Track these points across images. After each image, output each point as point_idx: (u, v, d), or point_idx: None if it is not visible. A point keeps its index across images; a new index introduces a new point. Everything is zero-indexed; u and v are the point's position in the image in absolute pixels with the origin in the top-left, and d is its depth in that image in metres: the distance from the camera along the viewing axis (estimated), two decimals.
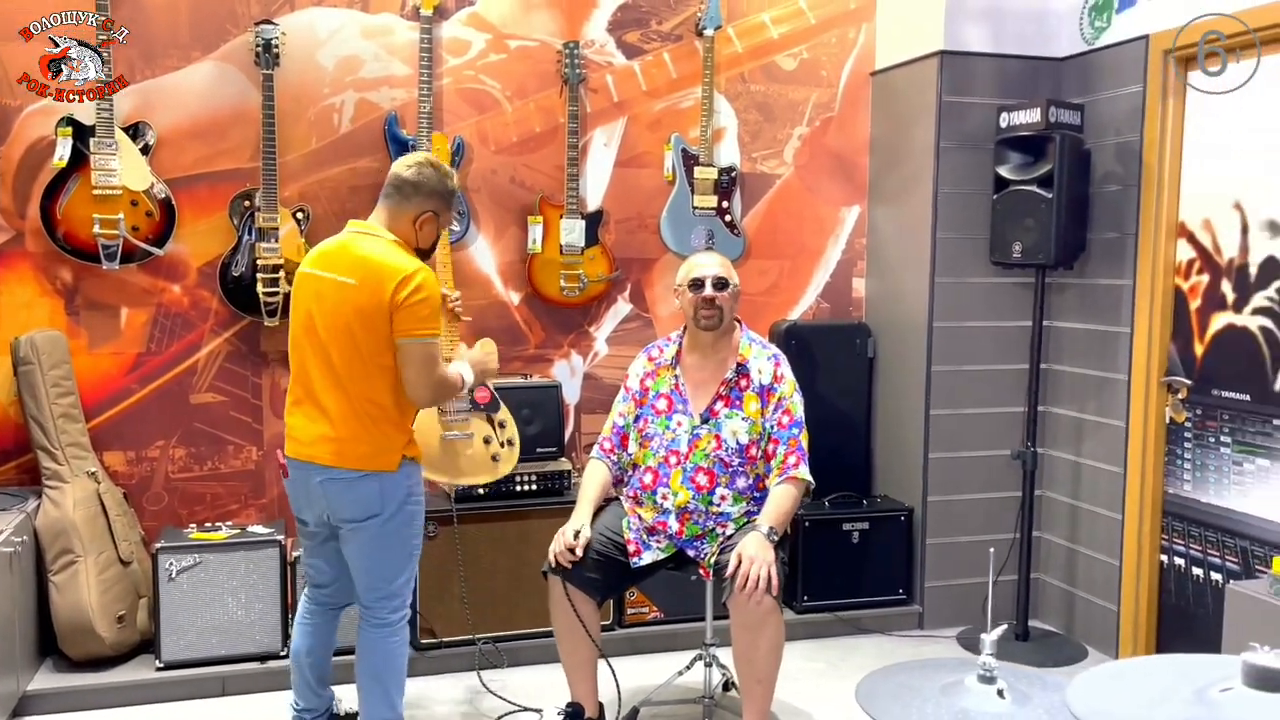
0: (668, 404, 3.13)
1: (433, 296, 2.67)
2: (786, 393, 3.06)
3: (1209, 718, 1.15)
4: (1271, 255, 3.26)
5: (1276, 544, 3.22)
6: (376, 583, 2.78)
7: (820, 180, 4.44)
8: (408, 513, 2.77)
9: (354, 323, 2.65)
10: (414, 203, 2.78)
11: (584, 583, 2.96)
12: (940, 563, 4.16)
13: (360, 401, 2.68)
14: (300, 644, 2.97)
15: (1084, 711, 1.14)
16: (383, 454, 2.70)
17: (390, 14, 3.90)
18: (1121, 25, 3.78)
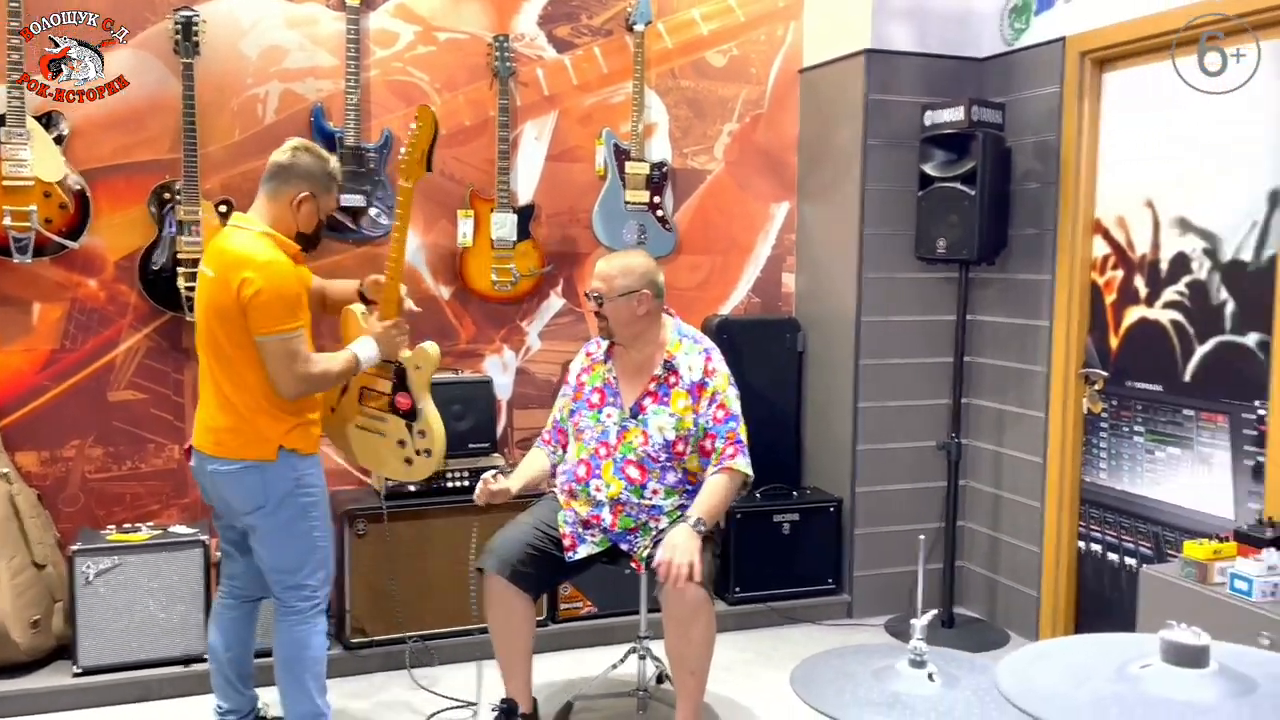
0: (600, 397, 3.14)
1: (283, 291, 2.63)
2: (720, 386, 3.05)
3: (1130, 693, 1.20)
4: (1181, 251, 3.39)
5: (1186, 529, 3.34)
6: (279, 574, 2.80)
7: (750, 176, 4.48)
8: (299, 504, 2.75)
9: (212, 315, 2.68)
10: (290, 185, 2.78)
11: (519, 578, 2.95)
12: (868, 552, 4.24)
13: (231, 392, 2.70)
14: (216, 639, 2.95)
15: (1013, 691, 1.18)
16: (256, 444, 2.70)
17: (315, 4, 3.83)
18: (1040, 27, 3.88)
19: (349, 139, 3.80)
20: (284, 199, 2.78)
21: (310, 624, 2.82)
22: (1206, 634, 1.27)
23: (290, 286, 2.67)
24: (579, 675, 3.56)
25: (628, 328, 3.07)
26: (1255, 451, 3.13)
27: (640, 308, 3.04)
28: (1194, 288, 3.34)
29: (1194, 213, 3.34)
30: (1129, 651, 1.30)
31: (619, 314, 3.05)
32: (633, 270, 3.05)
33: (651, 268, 3.11)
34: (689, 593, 2.78)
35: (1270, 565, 2.47)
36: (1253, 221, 3.13)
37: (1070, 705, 1.17)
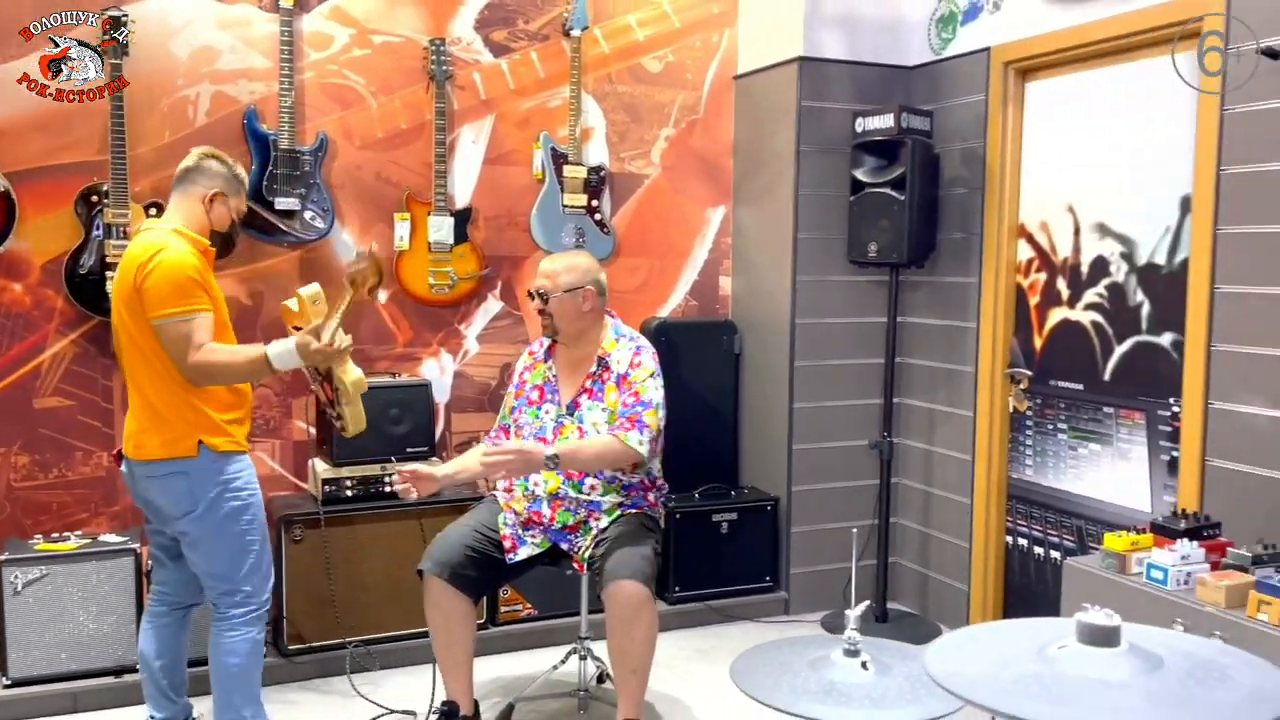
0: (539, 394, 3.19)
1: (174, 273, 2.60)
2: (638, 377, 3.08)
3: (1049, 672, 1.27)
4: (1101, 255, 3.52)
5: (1107, 522, 3.47)
6: (212, 580, 2.77)
7: (687, 181, 4.53)
8: (229, 508, 2.71)
9: (122, 311, 2.70)
10: (199, 184, 2.79)
11: (460, 580, 2.96)
12: (804, 550, 4.32)
13: (148, 386, 2.69)
14: (147, 646, 2.91)
15: (940, 674, 1.24)
16: (174, 441, 2.66)
17: (247, 5, 3.79)
18: (966, 37, 4.00)
19: (283, 142, 3.77)
20: (194, 196, 2.79)
21: (242, 633, 2.78)
22: (1117, 615, 1.34)
23: (182, 270, 2.63)
24: (520, 677, 3.58)
25: (572, 324, 3.12)
26: (1170, 447, 3.27)
27: (585, 304, 3.11)
28: (1113, 290, 3.47)
29: (1112, 218, 3.47)
30: (1048, 634, 1.37)
31: (563, 310, 3.10)
32: (577, 267, 3.12)
33: (596, 266, 3.19)
34: (630, 590, 2.82)
35: (1184, 555, 2.58)
36: (1166, 227, 3.27)
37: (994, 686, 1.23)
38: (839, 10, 4.18)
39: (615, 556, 2.91)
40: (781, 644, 1.72)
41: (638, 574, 2.85)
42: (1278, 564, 2.58)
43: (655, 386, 3.09)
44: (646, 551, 2.97)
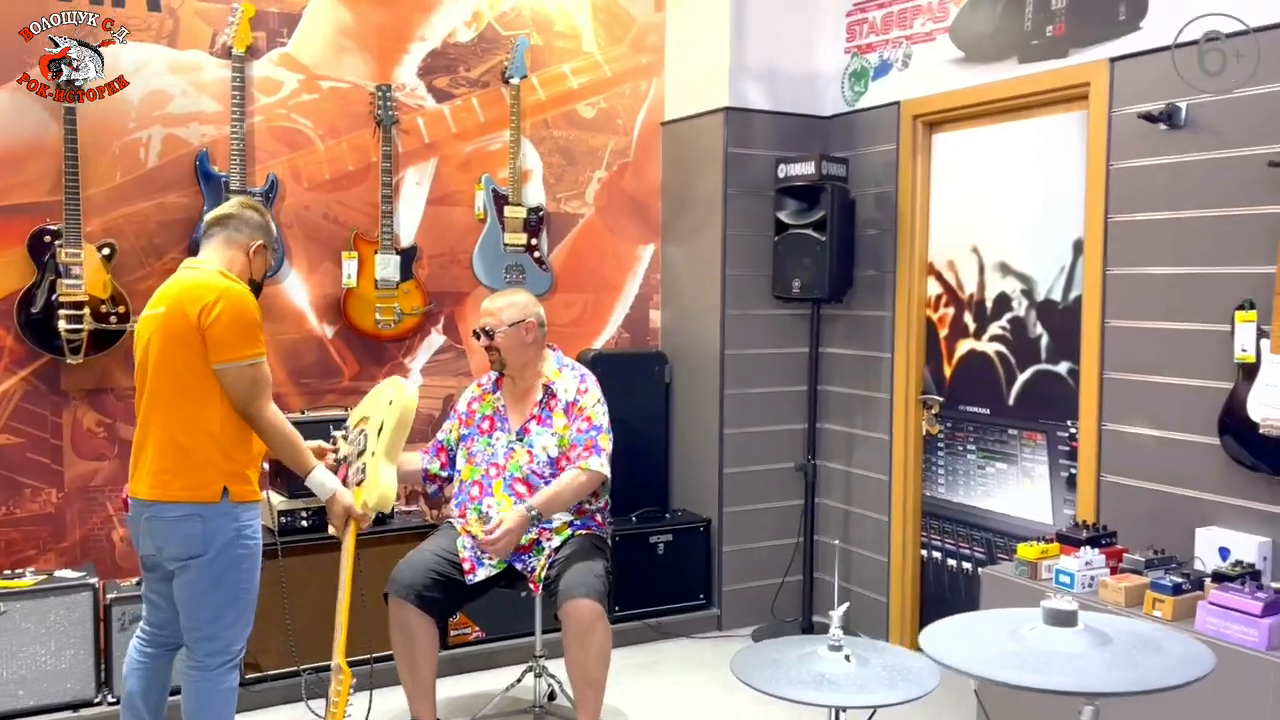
0: (490, 424, 3.39)
1: (244, 315, 2.64)
2: (588, 403, 3.35)
3: (1022, 649, 1.55)
4: (1003, 291, 3.89)
5: (1014, 534, 3.82)
6: (196, 624, 2.72)
7: (618, 220, 4.78)
8: (235, 555, 2.69)
9: (169, 348, 2.64)
10: (243, 234, 2.82)
11: (424, 603, 3.11)
12: (735, 568, 4.58)
13: (181, 430, 2.64)
14: (135, 685, 2.88)
15: (939, 654, 1.51)
16: (200, 485, 2.64)
17: (199, 50, 3.91)
18: (877, 91, 4.36)
19: (234, 184, 3.88)
20: (239, 246, 2.80)
21: (217, 684, 2.74)
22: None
23: (251, 312, 2.66)
24: (476, 697, 3.73)
25: (518, 356, 3.35)
26: (1068, 464, 3.63)
27: (528, 336, 3.35)
28: (1015, 323, 3.84)
29: (1013, 258, 3.85)
30: (1014, 621, 1.66)
31: (509, 343, 3.33)
32: (517, 303, 3.38)
33: (534, 301, 3.45)
34: (585, 607, 3.02)
35: (1087, 561, 2.91)
36: (1061, 267, 3.65)
37: (983, 660, 1.50)
38: (760, 64, 4.49)
39: (570, 575, 3.12)
40: (773, 644, 1.96)
41: (592, 591, 3.06)
42: (1167, 566, 2.93)
43: (603, 412, 3.35)
44: (599, 570, 3.18)
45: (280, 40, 4.05)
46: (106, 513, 3.81)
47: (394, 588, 3.13)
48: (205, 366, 2.63)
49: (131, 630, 3.43)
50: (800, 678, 1.74)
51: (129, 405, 3.83)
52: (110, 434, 3.81)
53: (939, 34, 4.03)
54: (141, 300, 3.75)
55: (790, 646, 1.92)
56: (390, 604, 3.14)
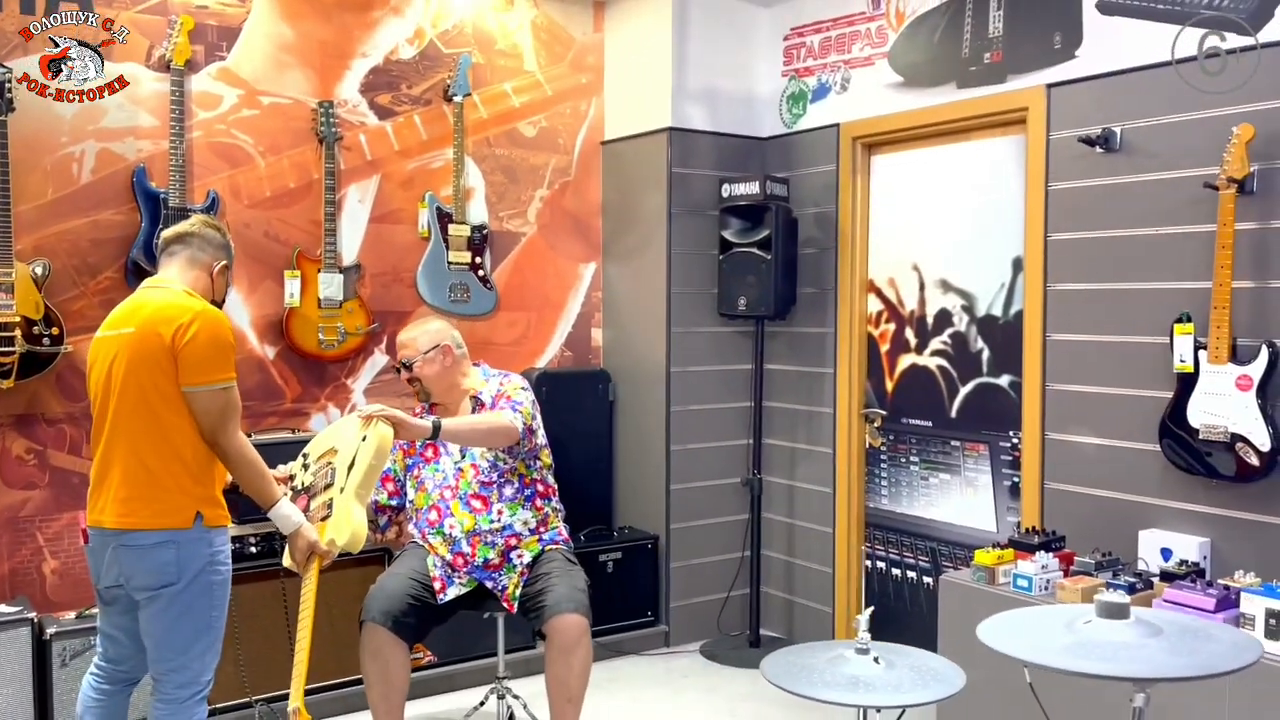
0: (433, 451, 3.36)
1: (218, 336, 2.57)
2: (510, 388, 3.31)
3: (1081, 640, 1.63)
4: (944, 308, 4.03)
5: (958, 542, 3.95)
6: (165, 654, 2.61)
7: (560, 239, 4.79)
8: (207, 582, 2.60)
9: (138, 369, 2.54)
10: (206, 254, 2.76)
11: (400, 627, 3.06)
12: (682, 584, 4.61)
13: (150, 454, 2.54)
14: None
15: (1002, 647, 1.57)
16: (176, 510, 2.54)
17: (134, 63, 3.78)
18: (816, 113, 4.48)
19: (173, 200, 3.77)
20: (203, 266, 2.74)
21: (186, 714, 2.63)
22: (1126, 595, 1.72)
23: (226, 334, 2.59)
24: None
25: (440, 381, 3.35)
26: (1011, 473, 3.78)
27: (446, 360, 3.35)
28: (956, 338, 3.98)
29: (953, 275, 3.99)
30: (1071, 615, 1.74)
31: (429, 370, 3.34)
32: (429, 329, 3.40)
33: (446, 324, 3.46)
34: (572, 622, 3.01)
35: (1043, 565, 3.03)
36: (1001, 283, 3.80)
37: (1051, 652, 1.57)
38: (700, 85, 4.57)
39: (555, 591, 3.11)
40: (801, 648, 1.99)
41: (580, 607, 3.06)
42: (1115, 568, 3.07)
43: (527, 396, 3.29)
44: (581, 584, 3.18)
45: (219, 54, 3.95)
46: (37, 544, 3.64)
47: (370, 614, 3.07)
48: (176, 389, 2.54)
49: (72, 666, 3.30)
50: (834, 680, 1.78)
51: (60, 431, 3.67)
52: (41, 462, 3.64)
53: (878, 59, 4.17)
54: (76, 321, 3.65)
55: (816, 651, 1.96)
56: (364, 630, 3.07)
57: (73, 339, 3.61)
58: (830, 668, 1.83)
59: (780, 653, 1.99)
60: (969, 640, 2.76)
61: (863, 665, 1.83)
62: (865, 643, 1.88)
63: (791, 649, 1.98)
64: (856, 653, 1.86)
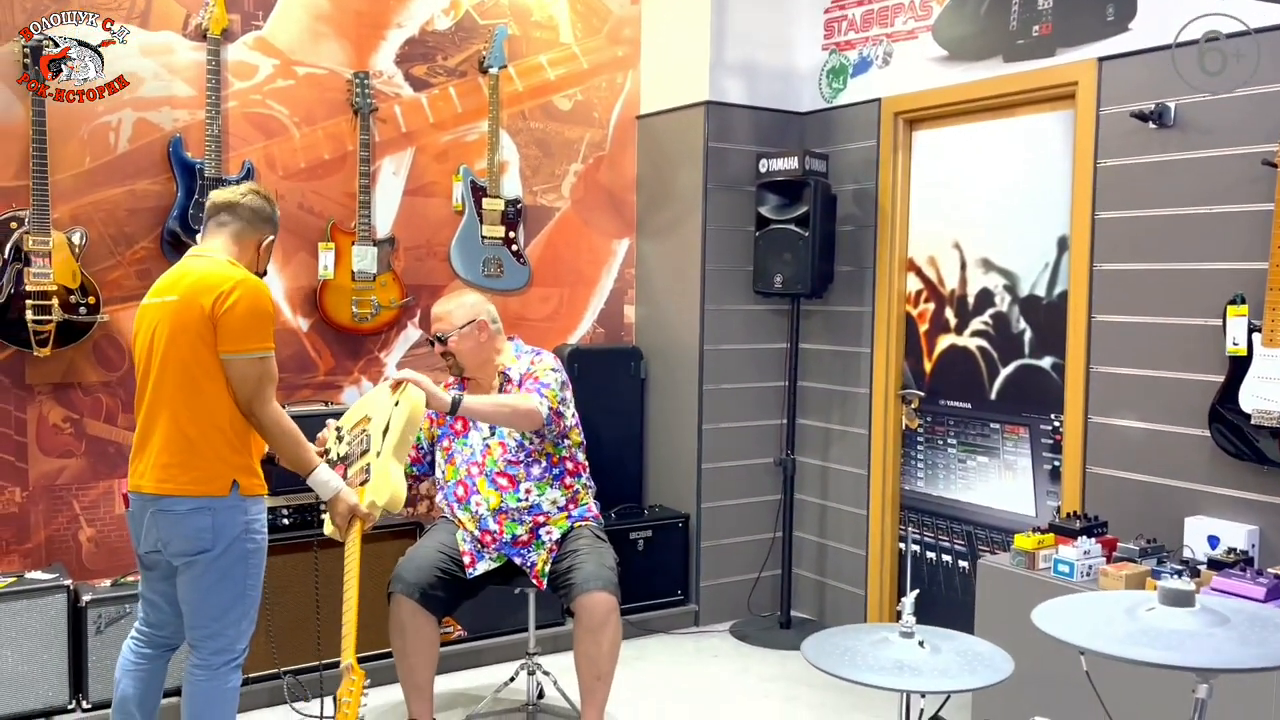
0: (463, 424, 3.32)
1: (258, 306, 2.58)
2: (540, 368, 3.25)
3: (1143, 627, 1.57)
4: (985, 287, 3.94)
5: (995, 527, 3.88)
6: (200, 620, 2.65)
7: (594, 214, 4.74)
8: (243, 550, 2.63)
9: (179, 338, 2.56)
10: (255, 227, 2.75)
11: (429, 600, 3.05)
12: (712, 563, 4.57)
13: (189, 422, 2.56)
14: (131, 690, 2.76)
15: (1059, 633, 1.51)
16: (208, 478, 2.57)
17: (171, 32, 3.77)
18: (856, 88, 4.39)
19: (209, 170, 3.76)
20: (250, 241, 2.74)
21: (220, 683, 2.66)
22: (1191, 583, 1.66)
23: (266, 305, 2.61)
24: (465, 696, 3.66)
25: (474, 356, 3.30)
26: (1052, 457, 3.70)
27: (481, 335, 3.30)
28: (997, 319, 3.90)
29: (995, 254, 3.91)
30: (1133, 601, 1.68)
31: (463, 345, 3.28)
32: (465, 303, 3.32)
33: (481, 298, 3.38)
34: (601, 600, 2.99)
35: (1085, 550, 2.97)
36: (1045, 263, 3.72)
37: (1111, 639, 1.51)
38: (739, 58, 4.50)
39: (583, 568, 3.08)
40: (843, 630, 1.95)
41: (608, 585, 3.03)
42: (1159, 555, 3.00)
43: (555, 378, 3.23)
44: (610, 561, 3.15)
45: (256, 23, 3.93)
46: (73, 511, 3.66)
47: (399, 586, 3.06)
48: (215, 358, 2.55)
49: (108, 633, 3.33)
50: (878, 664, 1.73)
51: (96, 400, 3.69)
52: (77, 430, 3.66)
53: (921, 32, 4.08)
54: (112, 290, 3.65)
55: (859, 634, 1.91)
56: (393, 602, 3.07)
57: (109, 308, 3.62)
58: (874, 651, 1.78)
59: (821, 634, 1.95)
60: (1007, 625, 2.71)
61: (907, 649, 1.78)
62: (910, 626, 1.83)
63: (832, 631, 1.93)
64: (901, 636, 1.82)
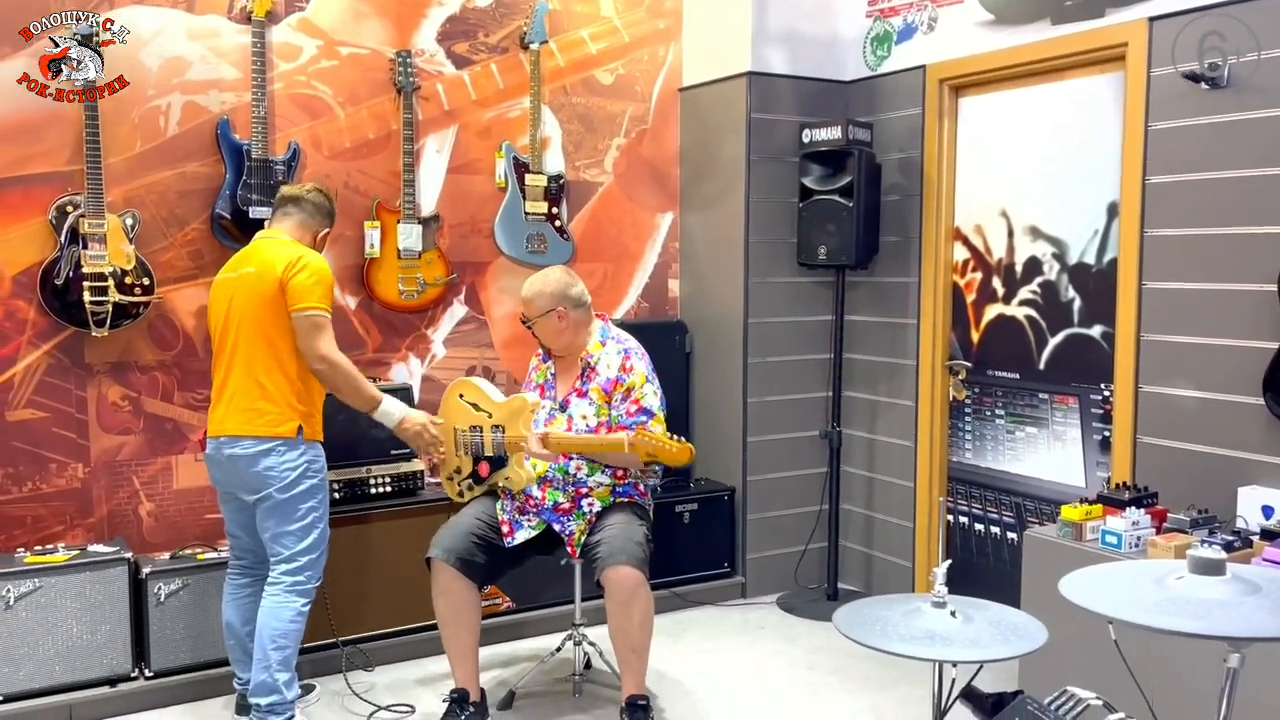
0: (540, 391, 3.39)
1: (323, 274, 3.04)
2: (636, 383, 3.28)
3: (1171, 596, 1.55)
4: (1033, 255, 3.88)
5: (1044, 498, 3.83)
6: (276, 547, 3.06)
7: (637, 188, 4.74)
8: (309, 485, 3.05)
9: (256, 304, 3.02)
10: (316, 219, 3.23)
11: (467, 567, 3.11)
12: (759, 536, 4.58)
13: (262, 372, 3.01)
14: (233, 616, 3.22)
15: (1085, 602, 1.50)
16: (278, 422, 3.01)
17: (217, 16, 3.83)
18: (901, 55, 4.32)
19: (256, 152, 3.82)
20: (311, 232, 3.21)
21: (288, 604, 3.03)
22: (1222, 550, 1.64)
23: (328, 275, 3.06)
24: (512, 666, 3.73)
25: (556, 340, 3.33)
26: (1102, 427, 3.64)
27: (562, 323, 3.31)
28: (1046, 287, 3.83)
29: (1044, 222, 3.84)
30: (1161, 570, 1.66)
31: (545, 331, 3.32)
32: (543, 292, 3.31)
33: (563, 284, 3.34)
34: (625, 574, 3.01)
35: (1134, 521, 2.92)
36: (1095, 230, 3.64)
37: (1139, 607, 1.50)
38: (781, 28, 4.45)
39: (610, 542, 3.11)
40: (874, 601, 1.95)
41: (632, 559, 3.05)
42: (1211, 525, 2.95)
43: (653, 391, 3.29)
44: (639, 537, 3.17)
45: (299, 5, 3.97)
46: (133, 487, 3.77)
47: (435, 551, 3.14)
48: (286, 317, 3.00)
49: (168, 604, 3.44)
50: (909, 634, 1.73)
51: (153, 379, 3.79)
52: (135, 408, 3.76)
53: None
54: (166, 272, 3.74)
55: (891, 604, 1.91)
56: (432, 568, 3.14)
57: (163, 289, 3.72)
58: (905, 621, 1.78)
59: (854, 604, 1.95)
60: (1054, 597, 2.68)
61: (939, 619, 1.78)
62: (942, 596, 1.82)
63: (865, 600, 1.93)
64: (933, 606, 1.81)
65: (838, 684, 3.66)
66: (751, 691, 3.61)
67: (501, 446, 3.22)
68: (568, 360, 3.37)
